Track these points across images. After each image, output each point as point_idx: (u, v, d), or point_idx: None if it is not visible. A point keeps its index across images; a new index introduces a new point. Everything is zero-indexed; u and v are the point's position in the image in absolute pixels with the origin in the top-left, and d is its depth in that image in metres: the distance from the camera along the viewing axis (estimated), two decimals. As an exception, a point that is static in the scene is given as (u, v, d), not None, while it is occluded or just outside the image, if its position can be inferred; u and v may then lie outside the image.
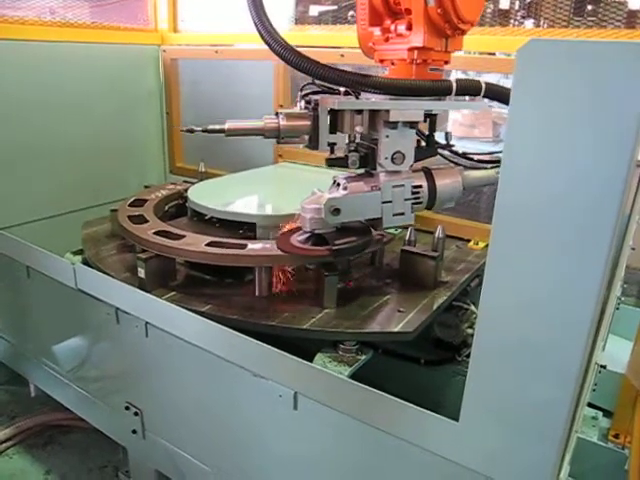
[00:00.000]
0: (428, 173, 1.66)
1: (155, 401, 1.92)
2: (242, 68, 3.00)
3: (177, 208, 2.34)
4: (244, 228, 1.93)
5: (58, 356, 2.28)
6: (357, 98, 1.61)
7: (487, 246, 1.06)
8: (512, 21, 2.65)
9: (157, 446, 1.95)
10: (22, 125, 2.73)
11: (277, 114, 1.64)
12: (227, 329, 1.51)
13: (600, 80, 0.86)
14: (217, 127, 1.68)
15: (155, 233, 1.84)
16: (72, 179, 2.97)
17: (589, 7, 2.34)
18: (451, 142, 1.70)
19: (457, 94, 1.54)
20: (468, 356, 1.15)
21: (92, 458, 2.44)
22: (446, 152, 1.76)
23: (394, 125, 1.55)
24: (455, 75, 2.44)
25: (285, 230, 1.74)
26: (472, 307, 1.92)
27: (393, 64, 1.59)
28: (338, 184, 1.61)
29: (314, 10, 3.05)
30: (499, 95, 1.57)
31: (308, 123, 1.61)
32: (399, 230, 2.41)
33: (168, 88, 3.33)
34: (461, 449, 1.20)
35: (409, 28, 1.52)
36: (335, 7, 3.16)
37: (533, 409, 1.07)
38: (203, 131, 1.67)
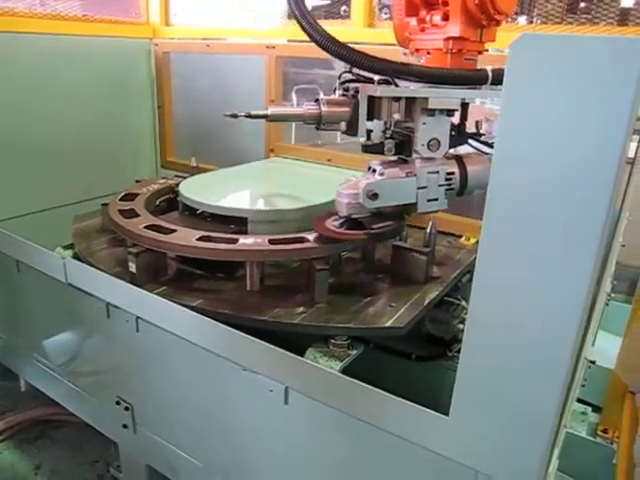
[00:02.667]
0: (460, 160, 1.70)
1: (146, 396, 1.92)
2: (234, 62, 2.99)
3: (168, 202, 2.32)
4: (235, 223, 1.92)
5: (49, 351, 2.27)
6: (396, 86, 1.62)
7: (478, 242, 1.06)
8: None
9: (148, 441, 1.95)
10: (12, 119, 2.71)
11: (317, 100, 1.63)
12: (218, 324, 1.50)
13: (590, 75, 0.86)
14: (260, 113, 1.66)
15: (146, 227, 1.83)
16: (63, 173, 2.95)
17: (582, 4, 2.35)
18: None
19: (492, 83, 1.56)
20: (459, 351, 1.15)
21: (83, 453, 2.43)
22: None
23: (432, 112, 1.60)
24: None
25: (319, 217, 1.78)
26: (463, 302, 1.93)
27: (429, 53, 1.63)
28: (374, 170, 1.65)
29: (307, 5, 3.04)
30: None
31: (348, 110, 1.62)
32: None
33: (160, 82, 3.31)
34: (451, 443, 1.21)
35: (445, 19, 1.57)
36: (329, 2, 3.15)
37: (522, 404, 1.08)
38: (246, 116, 1.64)
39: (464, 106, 1.68)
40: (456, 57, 1.60)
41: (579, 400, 2.06)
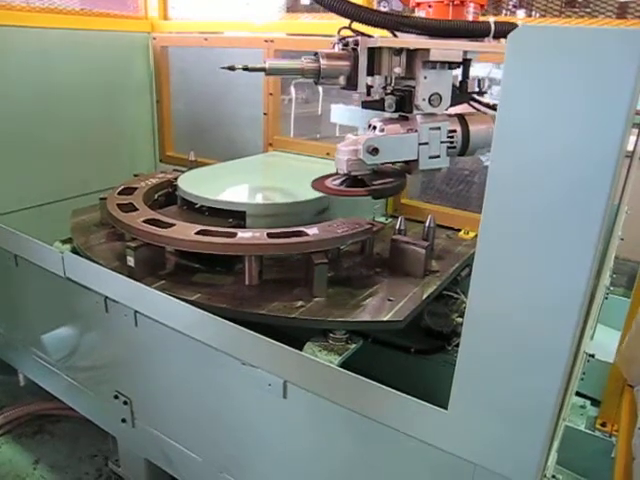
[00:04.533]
0: (462, 118, 1.68)
1: (144, 390, 1.92)
2: (232, 56, 2.97)
3: (167, 197, 2.32)
4: (234, 217, 1.92)
5: (47, 345, 2.27)
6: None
7: (477, 236, 1.06)
8: (504, 11, 2.65)
9: (147, 435, 1.95)
10: (9, 113, 2.69)
11: (316, 54, 1.61)
12: (216, 318, 1.50)
13: (589, 67, 0.86)
14: (258, 66, 1.63)
15: (144, 221, 1.82)
16: (61, 167, 2.94)
17: (581, -2, 2.34)
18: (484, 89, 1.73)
19: (495, 36, 1.54)
20: (458, 345, 1.15)
21: (82, 447, 2.43)
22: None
23: (433, 65, 1.58)
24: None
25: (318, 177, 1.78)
26: (462, 296, 1.93)
27: (430, 7, 1.61)
28: (374, 127, 1.64)
29: (306, -2, 3.03)
30: None
31: (347, 63, 1.60)
32: (389, 219, 2.42)
33: (158, 76, 3.29)
34: (450, 437, 1.21)
35: None
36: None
37: (521, 397, 1.08)
38: (244, 69, 1.62)
39: (466, 63, 1.65)
40: (458, 9, 1.58)
41: (578, 394, 2.06)
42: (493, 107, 1.77)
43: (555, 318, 0.99)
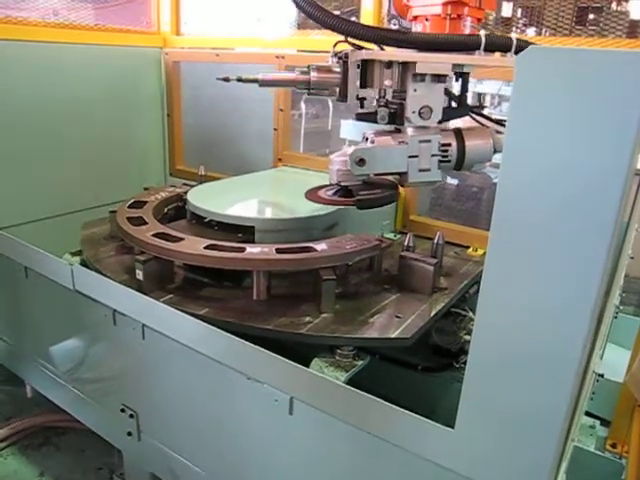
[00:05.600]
0: (458, 133, 1.67)
1: (151, 404, 1.92)
2: (243, 72, 3.00)
3: (176, 210, 2.33)
4: (243, 231, 1.93)
5: (55, 357, 2.27)
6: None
7: (486, 253, 1.06)
8: (514, 29, 2.66)
9: (152, 449, 1.95)
10: (23, 126, 2.73)
11: (309, 67, 1.66)
12: (223, 332, 1.50)
13: (598, 88, 0.86)
14: (251, 77, 1.71)
15: (154, 235, 1.83)
16: (72, 180, 2.97)
17: (591, 16, 2.35)
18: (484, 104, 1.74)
19: (486, 50, 1.53)
20: (466, 363, 1.14)
21: (87, 460, 2.43)
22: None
23: (422, 78, 1.58)
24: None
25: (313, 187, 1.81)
26: (470, 314, 1.92)
27: (427, 20, 1.60)
28: (367, 138, 1.65)
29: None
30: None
31: (337, 76, 1.64)
32: (398, 236, 2.42)
33: (170, 90, 3.33)
34: (457, 456, 1.20)
35: None
36: (338, 12, 3.16)
37: (529, 417, 1.07)
38: (238, 80, 1.70)
39: (464, 76, 1.65)
40: (455, 23, 1.56)
41: (587, 413, 2.04)
42: (499, 122, 1.78)
43: (563, 336, 0.99)
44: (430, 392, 2.13)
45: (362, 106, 1.69)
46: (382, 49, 1.63)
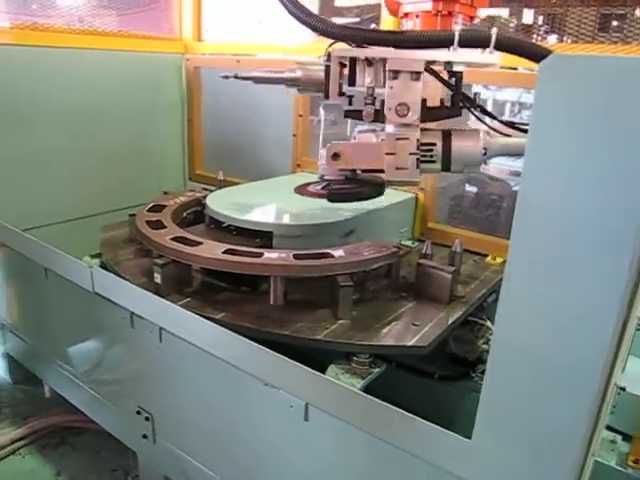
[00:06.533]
0: (446, 133, 1.65)
1: (166, 407, 1.92)
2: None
3: (195, 215, 2.35)
4: (261, 237, 1.93)
5: (73, 358, 2.30)
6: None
7: (505, 262, 1.05)
8: (535, 36, 2.64)
9: (167, 452, 1.95)
10: (46, 129, 2.78)
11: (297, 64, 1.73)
12: (240, 337, 1.50)
13: (622, 97, 0.85)
14: (247, 75, 1.84)
15: (172, 239, 1.84)
16: (93, 183, 3.01)
17: (614, 23, 2.32)
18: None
19: (462, 45, 1.48)
20: (483, 373, 1.13)
21: (103, 461, 2.44)
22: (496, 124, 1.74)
23: (396, 75, 1.57)
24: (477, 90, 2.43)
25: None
26: (488, 323, 1.90)
27: (417, 17, 1.60)
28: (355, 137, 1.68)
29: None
30: (513, 48, 1.47)
31: (321, 73, 1.67)
32: (416, 243, 2.41)
33: (190, 96, 3.36)
34: (473, 468, 1.18)
35: None
36: (357, 19, 3.17)
37: (548, 430, 1.05)
38: (235, 77, 1.83)
39: (456, 75, 1.62)
40: (446, 20, 1.54)
41: (608, 427, 1.99)
42: (511, 124, 1.75)
43: (585, 348, 0.97)
44: (446, 401, 2.11)
45: (350, 103, 1.71)
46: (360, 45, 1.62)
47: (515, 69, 2.32)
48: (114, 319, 1.91)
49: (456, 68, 1.59)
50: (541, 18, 2.70)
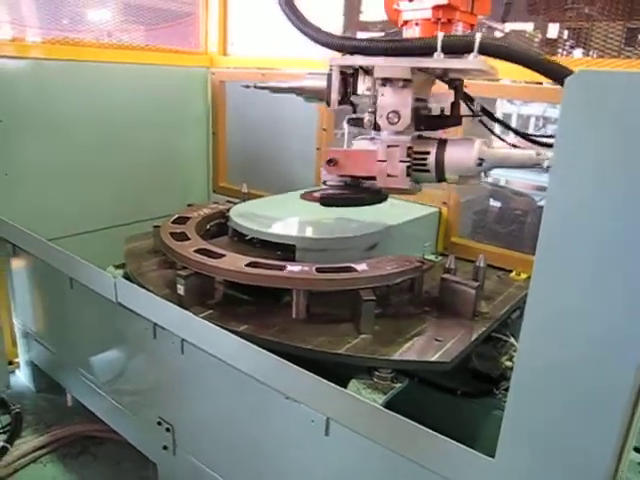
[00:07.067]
0: (442, 142, 1.64)
1: (187, 418, 1.93)
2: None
3: (219, 227, 2.36)
4: (284, 250, 1.93)
5: (95, 367, 2.32)
6: None
7: (529, 277, 1.03)
8: (560, 50, 2.62)
9: (187, 464, 1.95)
10: (74, 142, 2.83)
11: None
12: (262, 350, 1.50)
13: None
14: (264, 85, 1.97)
15: (196, 251, 1.86)
16: (119, 195, 3.06)
17: (640, 37, 2.30)
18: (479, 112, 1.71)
19: (445, 52, 1.46)
20: (506, 390, 1.11)
21: (123, 472, 2.44)
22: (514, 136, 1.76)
23: (384, 83, 1.60)
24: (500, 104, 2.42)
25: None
26: (512, 339, 1.88)
27: (417, 25, 1.58)
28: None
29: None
30: (497, 52, 1.42)
31: (323, 83, 1.71)
32: (439, 257, 2.39)
33: (215, 109, 3.40)
34: (497, 487, 1.16)
35: None
36: (382, 34, 3.18)
37: (574, 451, 1.03)
38: (254, 87, 1.97)
39: (456, 84, 1.61)
40: (446, 28, 1.52)
41: (637, 449, 1.95)
42: (524, 136, 1.73)
43: (612, 367, 0.95)
44: (469, 418, 2.08)
45: (354, 111, 1.76)
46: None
47: (540, 84, 2.31)
48: (137, 329, 1.93)
49: (452, 76, 1.59)
50: (566, 32, 2.68)
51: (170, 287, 1.91)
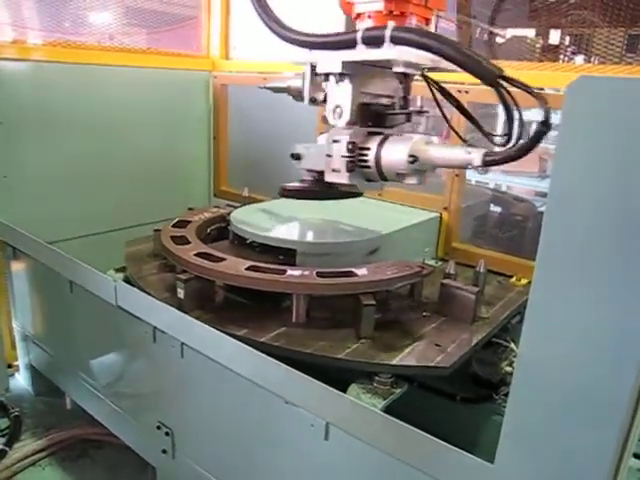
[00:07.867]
0: (384, 138, 1.60)
1: (187, 422, 1.92)
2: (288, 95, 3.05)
3: (219, 231, 2.36)
4: (284, 254, 1.93)
5: (94, 370, 2.31)
6: None
7: (530, 283, 1.03)
8: (562, 57, 2.63)
9: (186, 468, 1.95)
10: (75, 145, 2.83)
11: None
12: (261, 354, 1.50)
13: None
14: (269, 85, 2.00)
15: (196, 255, 1.86)
16: (119, 198, 3.06)
17: (642, 43, 2.31)
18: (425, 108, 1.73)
19: (365, 44, 1.47)
20: (506, 395, 1.11)
21: (121, 475, 2.44)
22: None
23: (326, 78, 1.64)
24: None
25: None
26: (512, 345, 1.87)
27: (370, 17, 1.56)
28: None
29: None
30: (409, 41, 1.39)
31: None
32: (439, 263, 2.39)
33: (217, 113, 3.40)
34: (496, 493, 1.16)
35: None
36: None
37: (574, 455, 1.03)
38: (264, 87, 2.02)
39: (405, 78, 1.59)
40: (399, 21, 1.49)
41: (636, 455, 1.94)
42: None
43: (613, 372, 0.95)
44: (468, 423, 2.08)
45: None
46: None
47: (542, 89, 2.31)
48: (136, 333, 1.93)
49: (396, 69, 1.51)
50: (568, 39, 2.69)
51: (170, 291, 1.91)
